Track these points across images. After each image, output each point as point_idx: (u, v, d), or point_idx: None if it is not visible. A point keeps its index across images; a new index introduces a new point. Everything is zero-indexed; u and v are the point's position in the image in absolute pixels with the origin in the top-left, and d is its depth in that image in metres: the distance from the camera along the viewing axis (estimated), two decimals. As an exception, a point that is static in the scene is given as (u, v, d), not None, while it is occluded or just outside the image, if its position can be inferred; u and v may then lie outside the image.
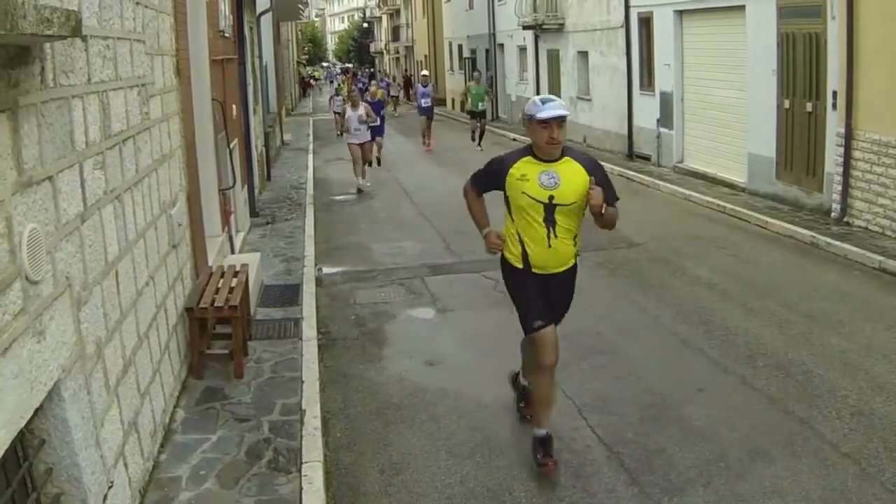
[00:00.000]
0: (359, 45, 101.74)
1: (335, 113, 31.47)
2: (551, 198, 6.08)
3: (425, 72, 34.47)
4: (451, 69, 49.48)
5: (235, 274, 8.96)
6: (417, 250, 13.62)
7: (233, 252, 12.07)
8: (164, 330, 7.09)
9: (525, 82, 33.39)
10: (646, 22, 21.56)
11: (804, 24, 14.49)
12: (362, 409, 7.62)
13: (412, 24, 64.05)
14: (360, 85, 38.29)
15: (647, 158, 21.70)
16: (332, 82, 78.45)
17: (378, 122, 21.55)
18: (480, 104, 27.95)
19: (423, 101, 29.16)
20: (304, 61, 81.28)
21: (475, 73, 30.89)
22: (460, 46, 45.87)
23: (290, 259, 12.67)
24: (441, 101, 46.71)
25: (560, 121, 5.86)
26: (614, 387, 7.84)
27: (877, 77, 12.60)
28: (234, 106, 13.98)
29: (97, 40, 5.46)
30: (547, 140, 5.90)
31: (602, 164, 6.48)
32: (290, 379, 7.96)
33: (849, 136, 13.25)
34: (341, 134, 24.28)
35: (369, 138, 20.57)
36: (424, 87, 29.60)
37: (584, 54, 26.37)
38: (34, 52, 4.21)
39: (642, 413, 7.23)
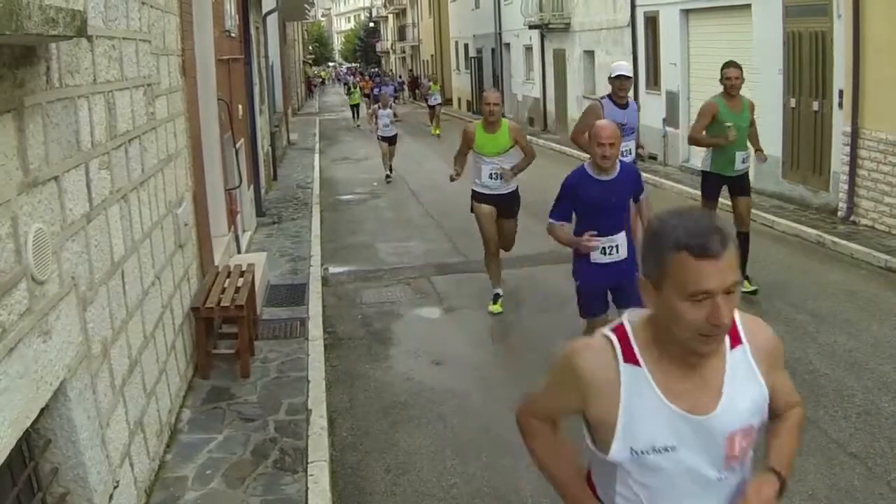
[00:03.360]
0: (365, 45, 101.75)
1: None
2: None
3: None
4: (458, 69, 49.47)
5: (242, 273, 8.96)
6: (424, 250, 13.62)
7: (239, 251, 12.08)
8: (171, 329, 7.09)
9: (531, 82, 33.36)
10: (652, 21, 21.54)
11: (810, 23, 14.46)
12: (368, 408, 7.63)
13: (418, 23, 64.07)
14: (376, 90, 37.46)
15: (653, 158, 21.66)
16: (344, 83, 77.14)
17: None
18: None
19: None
20: (310, 61, 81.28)
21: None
22: (466, 46, 45.85)
23: (296, 259, 12.68)
24: (448, 101, 46.76)
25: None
26: (620, 386, 7.81)
27: (883, 76, 12.57)
28: (240, 106, 13.99)
29: (103, 40, 5.46)
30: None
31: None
32: (296, 378, 7.96)
33: (855, 135, 13.21)
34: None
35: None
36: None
37: (590, 54, 26.34)
38: (39, 52, 4.22)
39: (648, 413, 7.21)
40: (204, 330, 7.95)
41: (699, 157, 19.38)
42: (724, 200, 10.32)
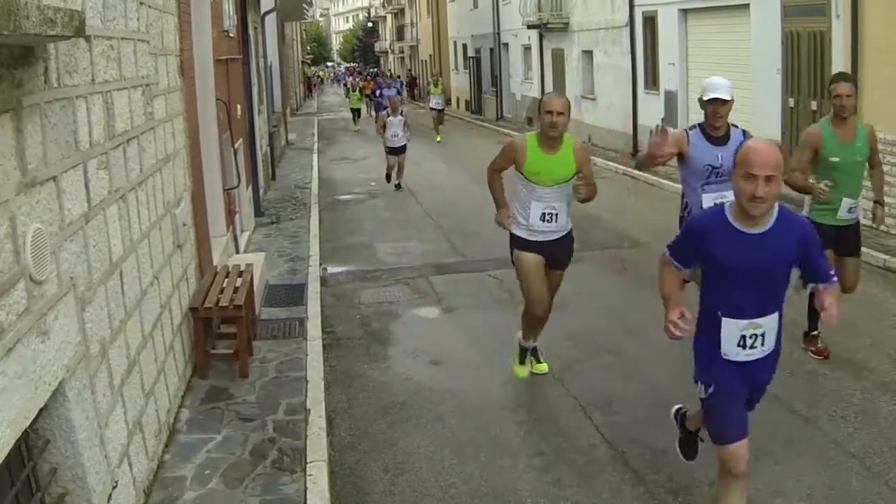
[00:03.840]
0: (363, 45, 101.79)
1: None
2: None
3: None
4: (456, 68, 49.49)
5: (240, 273, 8.96)
6: (422, 250, 13.63)
7: (237, 251, 12.08)
8: (169, 329, 7.09)
9: (530, 81, 33.40)
10: (650, 21, 21.56)
11: (809, 23, 14.48)
12: (367, 408, 7.63)
13: (417, 23, 64.09)
14: (378, 93, 35.96)
15: (652, 157, 21.67)
16: (343, 84, 76.38)
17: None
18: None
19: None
20: (308, 61, 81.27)
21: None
22: (465, 46, 45.90)
23: (294, 259, 12.68)
24: (447, 101, 46.71)
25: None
26: (620, 386, 7.83)
27: (881, 76, 12.59)
28: (238, 106, 13.99)
29: (101, 40, 5.46)
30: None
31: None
32: (294, 378, 7.96)
33: (854, 135, 13.21)
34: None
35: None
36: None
37: (588, 53, 26.38)
38: (38, 52, 4.22)
39: (648, 413, 7.22)
40: (202, 330, 7.94)
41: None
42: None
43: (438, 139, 30.87)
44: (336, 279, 12.01)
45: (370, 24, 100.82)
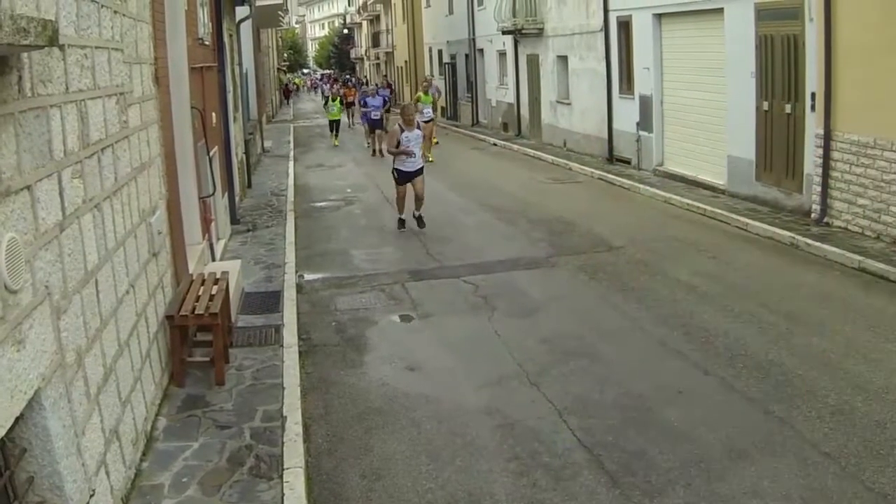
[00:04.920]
0: (339, 52, 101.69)
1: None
2: None
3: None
4: (432, 74, 49.51)
5: (216, 281, 8.95)
6: (398, 256, 13.63)
7: (213, 259, 12.06)
8: (145, 338, 7.08)
9: (505, 87, 33.43)
10: (625, 26, 21.64)
11: (782, 27, 14.57)
12: (343, 414, 7.63)
13: (392, 29, 64.06)
14: (364, 102, 29.77)
15: (627, 162, 21.76)
16: (319, 91, 74.75)
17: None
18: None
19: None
20: (284, 68, 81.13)
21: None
22: (440, 52, 45.90)
23: (270, 266, 12.67)
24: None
25: None
26: (595, 390, 7.86)
27: (855, 78, 12.69)
28: (213, 114, 13.97)
29: (75, 49, 5.46)
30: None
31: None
32: (271, 385, 7.96)
33: (828, 138, 13.33)
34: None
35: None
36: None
37: (563, 59, 26.44)
38: (11, 61, 4.21)
39: (623, 415, 7.26)
40: (179, 338, 7.93)
41: (673, 161, 19.59)
42: (696, 202, 10.32)
43: (430, 159, 24.17)
44: (312, 286, 12.00)
45: (346, 31, 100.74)
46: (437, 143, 27.03)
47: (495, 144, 29.60)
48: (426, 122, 23.60)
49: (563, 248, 13.09)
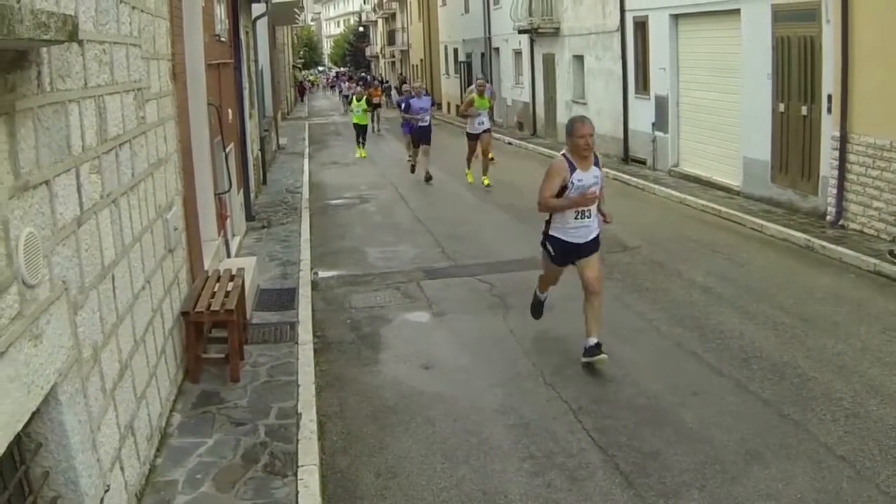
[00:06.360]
0: (354, 50, 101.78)
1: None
2: None
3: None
4: (447, 73, 49.49)
5: (231, 278, 8.97)
6: (413, 254, 13.62)
7: (229, 256, 12.08)
8: (161, 334, 7.09)
9: (521, 86, 33.40)
10: (641, 26, 21.58)
11: (799, 28, 14.52)
12: (358, 412, 7.63)
13: (408, 28, 64.12)
14: (404, 106, 23.40)
15: (642, 162, 21.70)
16: (337, 89, 73.53)
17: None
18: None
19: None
20: (299, 65, 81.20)
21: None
22: (456, 50, 45.88)
23: (285, 263, 12.68)
24: (437, 105, 46.66)
25: None
26: (610, 390, 7.85)
27: (871, 80, 12.63)
28: (229, 110, 13.99)
29: (93, 45, 5.47)
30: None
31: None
32: (286, 382, 7.97)
33: (844, 140, 13.27)
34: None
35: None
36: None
37: (579, 58, 26.39)
38: (31, 56, 4.23)
39: (637, 416, 7.24)
40: (194, 334, 7.95)
41: (688, 161, 19.54)
42: (711, 203, 10.23)
43: (486, 183, 20.13)
44: (327, 283, 12.01)
45: (361, 29, 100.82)
46: (492, 159, 20.48)
47: (510, 143, 29.55)
48: (484, 131, 20.19)
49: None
